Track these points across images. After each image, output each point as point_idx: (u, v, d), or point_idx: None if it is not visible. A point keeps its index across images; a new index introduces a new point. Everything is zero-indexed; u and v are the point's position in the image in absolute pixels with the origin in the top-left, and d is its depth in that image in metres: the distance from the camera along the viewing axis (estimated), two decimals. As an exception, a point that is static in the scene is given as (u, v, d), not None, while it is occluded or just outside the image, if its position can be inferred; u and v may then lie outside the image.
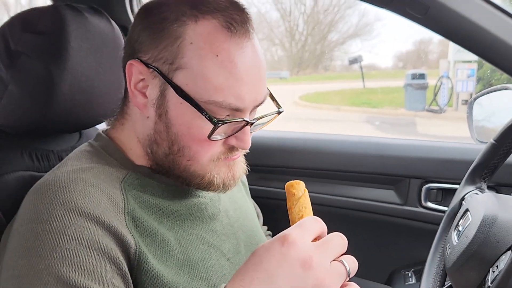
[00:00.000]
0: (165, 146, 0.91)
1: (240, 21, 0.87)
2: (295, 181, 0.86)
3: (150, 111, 0.91)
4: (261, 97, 0.92)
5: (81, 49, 1.07)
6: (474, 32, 1.15)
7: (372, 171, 1.93)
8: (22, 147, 1.11)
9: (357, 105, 14.29)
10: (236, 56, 0.85)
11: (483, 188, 1.31)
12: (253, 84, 0.88)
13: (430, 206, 1.85)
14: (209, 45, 0.84)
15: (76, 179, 0.85)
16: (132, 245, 0.83)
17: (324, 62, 22.52)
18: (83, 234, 0.78)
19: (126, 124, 0.98)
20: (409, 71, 13.11)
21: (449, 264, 1.13)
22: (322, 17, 21.22)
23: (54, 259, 0.74)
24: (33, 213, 0.81)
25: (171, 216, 0.94)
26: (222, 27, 0.85)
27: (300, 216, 0.83)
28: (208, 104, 0.85)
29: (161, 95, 0.89)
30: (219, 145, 0.91)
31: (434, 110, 11.86)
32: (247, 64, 0.87)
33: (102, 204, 0.83)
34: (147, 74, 0.89)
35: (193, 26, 0.85)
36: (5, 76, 1.04)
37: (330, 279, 0.70)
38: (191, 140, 0.89)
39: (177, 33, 0.86)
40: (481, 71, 10.63)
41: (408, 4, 1.15)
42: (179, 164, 0.92)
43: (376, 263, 1.98)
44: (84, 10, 1.13)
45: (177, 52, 0.86)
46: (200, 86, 0.85)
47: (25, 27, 1.05)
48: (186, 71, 0.85)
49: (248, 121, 0.89)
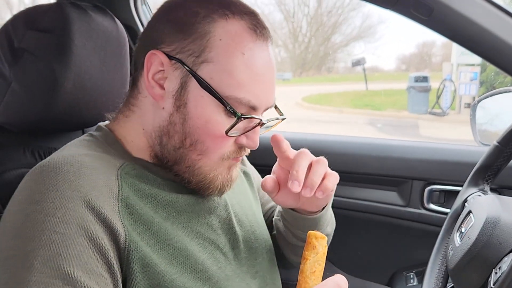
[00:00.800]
0: (176, 139, 0.92)
1: (263, 27, 0.93)
2: (320, 234, 0.87)
3: (167, 102, 0.92)
4: (272, 100, 0.97)
5: (84, 48, 1.08)
6: (479, 34, 1.15)
7: (374, 172, 1.92)
8: (24, 144, 1.11)
9: (359, 107, 14.31)
10: (259, 57, 0.90)
11: (486, 190, 1.31)
12: (268, 85, 0.93)
13: (432, 208, 1.85)
14: (237, 43, 0.89)
15: (72, 161, 0.85)
16: (122, 233, 0.83)
17: (327, 64, 22.55)
18: (72, 218, 0.78)
19: (132, 116, 0.98)
20: (412, 74, 13.11)
21: (451, 266, 1.13)
22: (325, 19, 21.26)
23: (41, 241, 0.75)
24: (26, 193, 0.81)
25: (167, 207, 0.94)
26: (249, 29, 0.90)
27: (313, 272, 0.85)
28: (229, 99, 0.88)
29: (181, 87, 0.90)
30: (231, 143, 0.94)
31: (436, 113, 11.88)
32: (266, 66, 0.92)
33: (97, 187, 0.83)
34: (168, 65, 0.91)
35: (223, 24, 0.89)
36: (8, 73, 1.05)
37: None
38: (205, 135, 0.91)
39: (207, 28, 0.89)
40: (484, 74, 10.63)
41: (413, 5, 1.15)
42: (188, 158, 0.93)
43: (378, 264, 1.98)
44: (88, 8, 1.13)
45: (206, 46, 0.88)
46: (224, 81, 0.88)
47: (28, 24, 1.05)
48: (212, 65, 0.88)
49: (262, 120, 0.94)
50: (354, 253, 2.02)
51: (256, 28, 0.91)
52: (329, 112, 14.05)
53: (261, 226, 1.17)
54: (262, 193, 1.26)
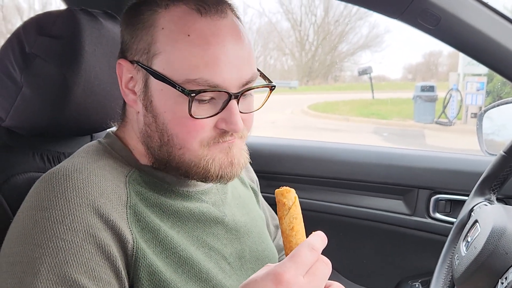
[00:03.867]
0: (156, 138, 0.92)
1: (211, 3, 0.89)
2: (284, 189, 0.85)
3: (139, 105, 0.93)
4: (247, 75, 0.91)
5: (94, 53, 1.09)
6: (485, 43, 1.16)
7: (381, 181, 1.92)
8: (34, 148, 1.12)
9: (366, 115, 14.27)
10: (209, 34, 0.86)
11: (492, 200, 1.30)
12: (232, 62, 0.88)
13: (438, 217, 1.85)
14: (179, 27, 0.87)
15: (81, 168, 0.86)
16: (130, 240, 0.84)
17: (334, 73, 22.53)
18: (80, 225, 0.78)
19: (127, 126, 1.00)
20: (419, 83, 13.08)
21: (457, 275, 1.12)
22: (332, 28, 21.26)
23: (49, 248, 0.76)
24: (35, 200, 0.82)
25: (172, 216, 0.94)
26: (191, 10, 0.88)
27: (291, 228, 0.83)
28: (186, 84, 0.86)
29: (145, 86, 0.91)
30: (208, 129, 0.90)
31: (443, 122, 11.83)
32: (223, 42, 0.87)
33: (105, 194, 0.84)
34: (133, 70, 0.92)
35: (164, 13, 0.89)
36: (20, 78, 1.05)
37: None
38: (177, 126, 0.89)
39: (149, 22, 0.89)
40: (490, 85, 10.60)
41: (420, 15, 1.15)
42: (174, 155, 0.92)
43: (383, 273, 1.98)
44: (98, 15, 1.14)
45: (151, 40, 0.89)
46: (175, 67, 0.86)
47: (40, 30, 1.07)
48: (161, 55, 0.88)
49: (229, 92, 0.88)
50: (360, 261, 2.01)
51: (201, 7, 0.87)
52: (335, 120, 14.01)
53: (268, 239, 1.17)
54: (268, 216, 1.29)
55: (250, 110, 0.96)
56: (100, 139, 1.02)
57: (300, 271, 0.71)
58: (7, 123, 1.10)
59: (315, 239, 0.76)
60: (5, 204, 1.00)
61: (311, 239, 0.76)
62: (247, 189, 1.23)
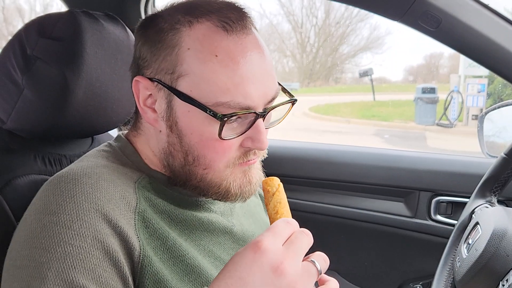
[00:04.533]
0: (180, 157, 0.91)
1: (235, 19, 0.86)
2: (269, 178, 0.88)
3: (161, 124, 0.91)
4: (271, 92, 0.89)
5: (96, 56, 1.09)
6: (486, 45, 1.16)
7: (382, 183, 1.92)
8: (35, 151, 1.12)
9: (367, 117, 14.26)
10: (236, 53, 0.84)
11: (493, 202, 1.30)
12: (259, 79, 0.85)
13: (439, 219, 1.85)
14: (206, 47, 0.83)
15: (90, 173, 0.85)
16: (137, 247, 0.83)
17: (335, 74, 22.51)
18: (88, 231, 0.78)
19: (141, 136, 0.99)
20: (420, 85, 13.08)
21: (458, 277, 1.12)
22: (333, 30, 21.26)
23: (56, 253, 0.75)
24: (43, 203, 0.81)
25: (180, 224, 0.94)
26: (217, 27, 0.84)
27: (276, 212, 0.85)
28: (216, 107, 0.83)
29: (168, 106, 0.88)
30: (234, 149, 0.89)
31: (444, 124, 11.83)
32: (250, 60, 0.85)
33: (113, 199, 0.83)
34: (153, 88, 0.89)
35: (188, 32, 0.85)
36: (21, 80, 1.06)
37: (302, 281, 0.72)
38: (205, 148, 0.88)
39: (174, 41, 0.86)
40: (491, 86, 10.59)
41: (421, 17, 1.15)
42: (196, 174, 0.91)
43: (384, 275, 1.98)
44: (99, 17, 1.14)
45: (176, 60, 0.85)
46: (204, 89, 0.84)
47: (41, 32, 1.07)
48: (188, 77, 0.85)
49: (257, 112, 0.86)
50: (361, 263, 2.01)
51: (226, 24, 0.84)
52: (336, 122, 14.01)
53: None
54: None
55: (269, 123, 0.96)
56: (111, 141, 1.02)
57: (278, 239, 0.72)
58: (9, 126, 1.10)
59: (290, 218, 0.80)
60: (6, 206, 1.00)
61: (285, 217, 0.81)
62: (255, 196, 1.23)
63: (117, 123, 1.22)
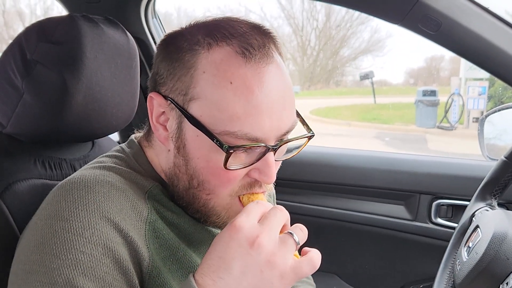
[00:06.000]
0: (185, 180, 0.89)
1: (258, 46, 0.82)
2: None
3: (170, 144, 0.90)
4: (286, 125, 0.85)
5: (96, 60, 1.09)
6: (486, 49, 1.16)
7: (382, 186, 1.92)
8: (35, 155, 1.12)
9: (368, 120, 14.26)
10: (253, 82, 0.80)
11: (494, 205, 1.30)
12: (274, 111, 0.82)
13: (440, 222, 1.85)
14: (222, 72, 0.81)
15: (102, 181, 0.85)
16: (146, 257, 0.83)
17: (336, 77, 22.51)
18: (100, 239, 0.78)
19: (152, 147, 0.98)
20: (420, 88, 13.08)
21: (458, 281, 1.12)
22: (334, 33, 21.25)
23: (67, 260, 0.75)
24: (55, 209, 0.81)
25: (187, 237, 0.94)
26: (236, 53, 0.81)
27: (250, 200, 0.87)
28: (223, 135, 0.81)
29: (178, 127, 0.87)
30: (240, 178, 0.87)
31: (445, 127, 11.83)
32: (267, 90, 0.81)
33: (124, 209, 0.83)
34: (166, 106, 0.88)
35: (206, 55, 0.82)
36: (21, 85, 1.06)
37: (280, 252, 0.74)
38: (210, 174, 0.86)
39: (190, 62, 0.83)
40: (492, 89, 10.59)
41: (421, 20, 1.15)
42: (199, 199, 0.90)
43: (385, 278, 1.97)
44: (99, 21, 1.14)
45: (190, 82, 0.83)
46: (215, 116, 0.81)
47: (41, 36, 1.07)
48: (200, 101, 0.82)
49: (267, 146, 0.83)
50: (361, 266, 2.01)
51: (246, 50, 0.81)
52: (337, 125, 14.01)
53: None
54: None
55: (281, 155, 0.94)
56: (124, 146, 1.01)
57: (251, 217, 0.75)
58: (8, 130, 1.10)
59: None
60: (7, 210, 1.00)
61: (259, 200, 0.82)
62: None
63: (117, 127, 1.22)
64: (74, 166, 1.18)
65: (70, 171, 1.16)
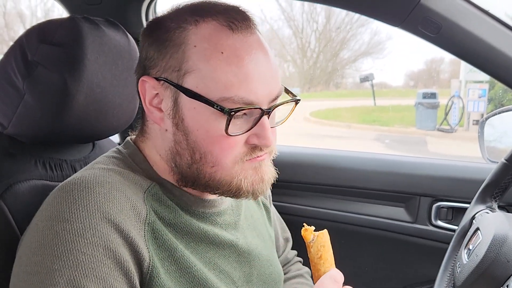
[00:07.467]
0: (187, 156, 0.92)
1: (241, 19, 0.89)
2: (305, 228, 0.99)
3: (167, 123, 0.92)
4: (275, 91, 0.92)
5: (97, 61, 1.09)
6: (486, 51, 1.16)
7: (382, 188, 1.92)
8: (36, 156, 1.12)
9: (368, 122, 14.26)
10: (242, 51, 0.87)
11: (494, 208, 1.30)
12: (263, 77, 0.88)
13: (440, 224, 1.84)
14: (212, 44, 0.86)
15: (102, 182, 0.86)
16: (146, 258, 0.84)
17: (336, 79, 22.49)
18: (101, 240, 0.79)
19: (147, 142, 0.99)
20: (421, 90, 13.07)
21: (459, 283, 1.12)
22: (334, 35, 21.25)
23: (69, 261, 0.76)
24: (56, 210, 0.81)
25: (186, 235, 0.94)
26: (222, 26, 0.88)
27: (319, 257, 0.96)
28: (221, 102, 0.85)
29: (174, 104, 0.90)
30: (240, 145, 0.90)
31: (445, 129, 11.83)
32: (255, 58, 0.88)
33: (124, 210, 0.84)
34: (159, 87, 0.91)
35: (195, 30, 0.88)
36: (22, 86, 1.06)
37: None
38: (211, 144, 0.89)
39: (180, 39, 0.88)
40: (492, 92, 10.59)
41: (421, 23, 1.16)
42: (204, 173, 0.92)
43: (385, 281, 1.97)
44: (100, 23, 1.14)
45: (182, 58, 0.88)
46: (210, 85, 0.86)
47: (42, 38, 1.07)
48: (194, 74, 0.87)
49: (262, 109, 0.88)
50: (361, 269, 2.00)
51: (232, 23, 0.88)
52: (337, 127, 14.00)
53: (275, 261, 1.17)
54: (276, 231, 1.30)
55: (275, 123, 0.98)
56: (120, 147, 1.02)
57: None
58: (9, 131, 1.10)
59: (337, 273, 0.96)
60: (7, 211, 1.00)
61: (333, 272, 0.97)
62: (259, 207, 1.23)
63: (118, 129, 1.22)
64: (75, 167, 1.18)
65: (70, 172, 1.16)
